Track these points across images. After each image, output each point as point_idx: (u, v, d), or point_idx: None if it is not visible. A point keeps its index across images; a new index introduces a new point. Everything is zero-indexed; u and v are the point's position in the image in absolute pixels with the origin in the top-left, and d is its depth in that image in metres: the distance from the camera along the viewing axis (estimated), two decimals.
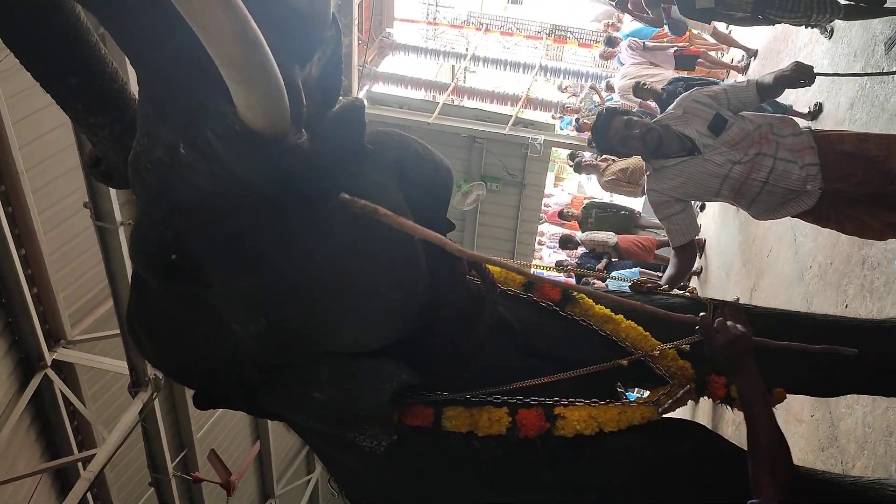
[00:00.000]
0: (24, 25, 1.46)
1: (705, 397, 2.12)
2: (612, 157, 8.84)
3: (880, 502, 1.79)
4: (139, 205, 1.56)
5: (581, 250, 9.30)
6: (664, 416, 1.99)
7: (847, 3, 4.11)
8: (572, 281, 8.68)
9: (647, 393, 2.08)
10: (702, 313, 1.84)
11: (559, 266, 9.50)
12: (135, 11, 1.37)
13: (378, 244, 1.58)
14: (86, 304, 6.29)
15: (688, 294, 2.45)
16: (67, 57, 1.52)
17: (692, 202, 2.99)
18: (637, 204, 10.37)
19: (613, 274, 7.92)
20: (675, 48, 8.02)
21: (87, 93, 1.57)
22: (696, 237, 3.04)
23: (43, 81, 1.56)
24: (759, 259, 6.33)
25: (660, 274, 4.02)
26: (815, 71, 2.91)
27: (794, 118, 3.03)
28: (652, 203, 3.01)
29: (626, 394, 2.17)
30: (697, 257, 8.58)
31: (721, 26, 7.55)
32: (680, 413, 2.19)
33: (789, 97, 5.68)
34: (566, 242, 9.64)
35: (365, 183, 1.60)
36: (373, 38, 11.52)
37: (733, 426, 5.81)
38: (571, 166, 9.96)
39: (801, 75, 2.87)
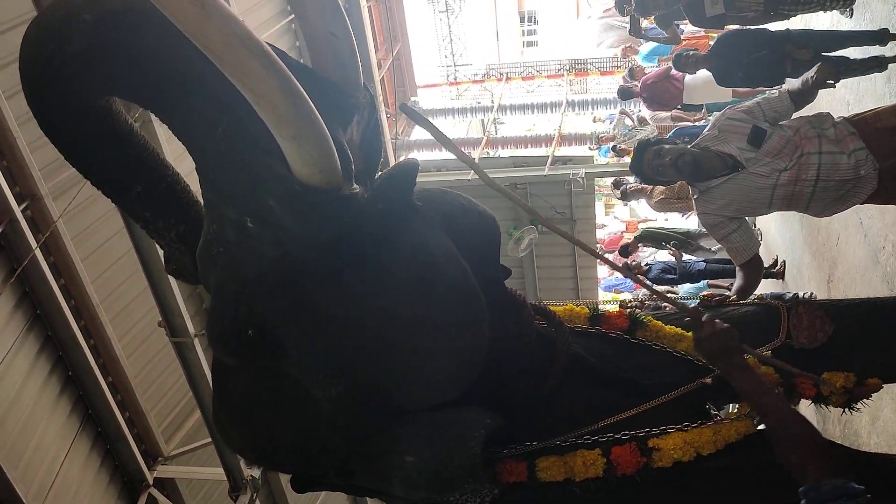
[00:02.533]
0: (83, 141, 1.55)
1: (799, 399, 2.06)
2: None
3: None
4: (212, 292, 1.61)
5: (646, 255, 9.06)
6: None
7: None
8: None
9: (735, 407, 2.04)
10: (692, 303, 1.83)
11: (626, 268, 9.31)
12: (185, 99, 1.47)
13: (437, 287, 1.63)
14: (175, 419, 6.46)
15: (757, 301, 2.40)
16: (129, 166, 1.61)
17: (746, 218, 2.93)
18: (691, 223, 10.17)
19: (681, 293, 7.78)
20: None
21: (152, 198, 1.65)
22: (775, 259, 3.02)
23: (111, 194, 1.65)
24: (829, 249, 6.14)
25: (728, 286, 3.93)
26: (837, 64, 2.90)
27: (829, 112, 2.99)
28: (706, 226, 2.95)
29: (719, 413, 2.12)
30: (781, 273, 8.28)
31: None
32: None
33: None
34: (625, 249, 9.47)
35: (419, 233, 1.65)
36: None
37: (840, 425, 5.56)
38: (618, 196, 9.88)
39: (827, 75, 2.86)
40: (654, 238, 9.51)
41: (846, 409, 1.99)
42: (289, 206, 1.44)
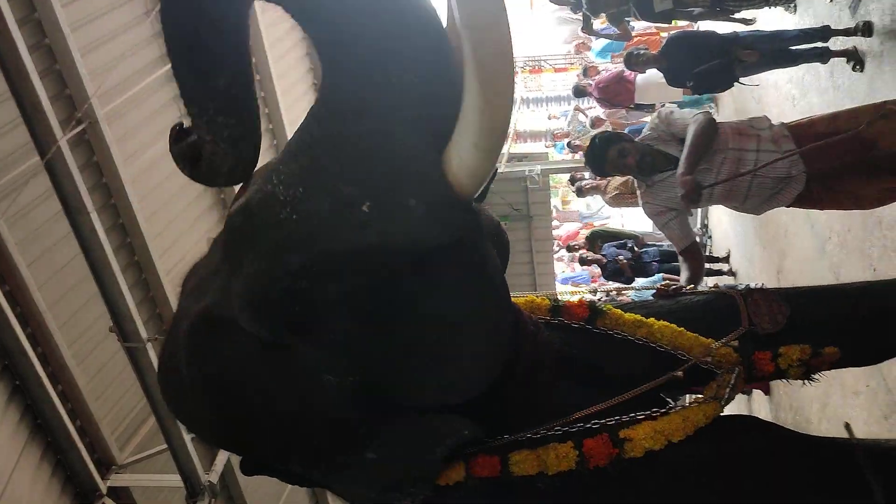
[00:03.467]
0: (207, 19, 1.44)
1: (760, 377, 2.08)
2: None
3: None
4: (261, 251, 1.50)
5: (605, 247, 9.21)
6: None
7: None
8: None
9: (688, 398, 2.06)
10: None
11: (582, 261, 9.43)
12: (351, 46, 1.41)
13: (487, 299, 1.67)
14: (129, 426, 6.31)
15: (713, 289, 2.44)
16: (228, 58, 1.51)
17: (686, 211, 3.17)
18: (643, 226, 10.31)
19: (636, 284, 7.90)
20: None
21: (228, 94, 1.54)
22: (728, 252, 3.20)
23: (191, 76, 1.54)
24: (778, 240, 6.29)
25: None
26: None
27: (765, 115, 3.23)
28: (649, 215, 3.23)
29: (677, 399, 2.14)
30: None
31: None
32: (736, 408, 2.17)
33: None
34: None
35: (483, 244, 1.69)
36: None
37: (792, 412, 5.70)
38: (574, 192, 9.97)
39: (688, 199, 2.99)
40: (606, 238, 9.65)
41: (805, 381, 2.03)
42: (431, 209, 1.41)
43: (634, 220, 11.52)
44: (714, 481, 1.86)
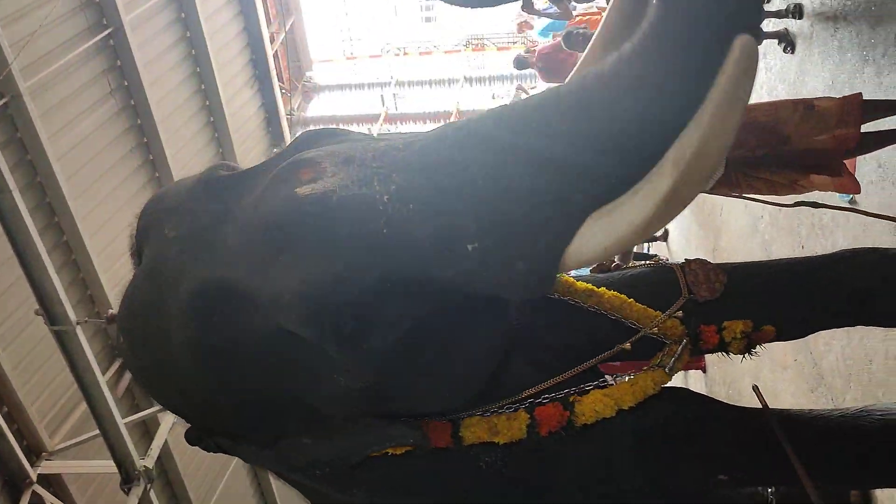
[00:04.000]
0: None
1: (701, 351, 2.11)
2: None
3: (867, 429, 1.80)
4: (316, 252, 1.40)
5: None
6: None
7: None
8: None
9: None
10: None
11: None
12: None
13: (497, 335, 1.70)
14: (59, 412, 6.13)
15: (652, 262, 2.46)
16: None
17: None
18: None
19: None
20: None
21: None
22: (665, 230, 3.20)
23: None
24: (714, 219, 6.42)
25: None
26: None
27: None
28: None
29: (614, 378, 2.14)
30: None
31: None
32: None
33: None
34: None
35: None
36: (295, 84, 11.52)
37: (725, 387, 5.86)
38: None
39: None
40: None
41: (746, 354, 2.06)
42: (531, 276, 1.35)
43: None
44: (657, 451, 1.87)
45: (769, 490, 2.59)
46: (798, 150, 3.01)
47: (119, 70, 6.85)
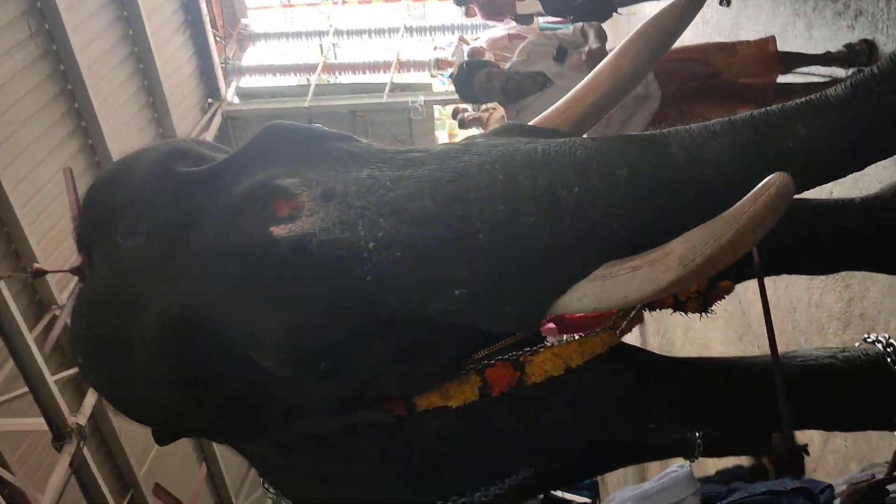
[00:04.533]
0: None
1: (656, 309, 2.13)
2: (493, 107, 8.91)
3: (788, 375, 1.86)
4: (295, 296, 1.33)
5: None
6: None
7: None
8: None
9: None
10: None
11: None
12: None
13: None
14: None
15: None
16: None
17: None
18: None
19: None
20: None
21: None
22: None
23: None
24: None
25: None
26: None
27: None
28: None
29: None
30: None
31: None
32: None
33: None
34: None
35: None
36: (229, 32, 11.13)
37: (658, 337, 6.02)
38: (458, 125, 9.92)
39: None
40: None
41: (703, 312, 2.09)
42: (519, 321, 1.35)
43: None
44: (599, 407, 1.90)
45: (697, 434, 2.68)
46: (729, 84, 3.21)
47: (39, 12, 6.48)
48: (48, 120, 6.62)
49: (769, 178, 1.11)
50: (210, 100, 9.82)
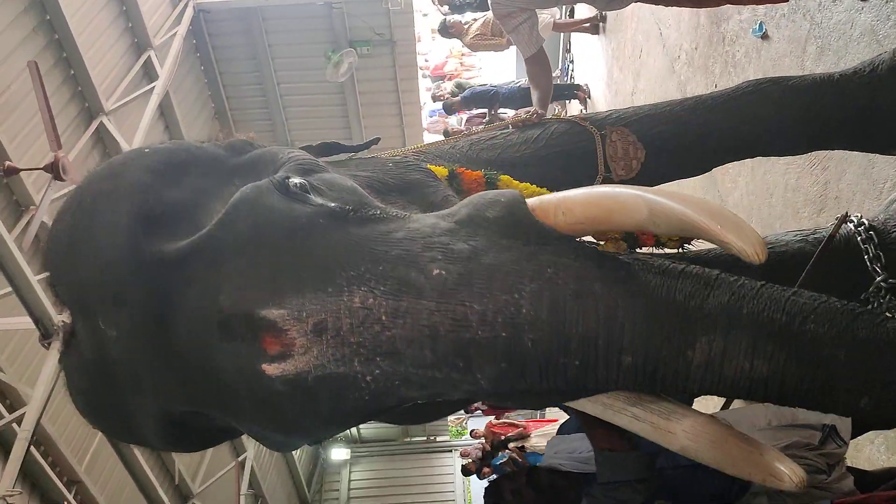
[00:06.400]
0: None
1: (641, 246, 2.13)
2: (474, 18, 8.73)
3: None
4: (298, 421, 1.39)
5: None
6: None
7: None
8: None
9: None
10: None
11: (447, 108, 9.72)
12: None
13: None
14: None
15: (568, 119, 2.36)
16: None
17: (536, 12, 2.99)
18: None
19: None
20: None
21: None
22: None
23: None
24: (633, 61, 6.40)
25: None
26: None
27: None
28: (498, 17, 2.98)
29: None
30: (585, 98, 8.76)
31: None
32: None
33: None
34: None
35: None
36: None
37: None
38: (438, 31, 9.64)
39: None
40: (480, 98, 9.72)
41: (680, 249, 2.10)
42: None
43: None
44: None
45: None
46: None
47: None
48: (11, 13, 6.35)
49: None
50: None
